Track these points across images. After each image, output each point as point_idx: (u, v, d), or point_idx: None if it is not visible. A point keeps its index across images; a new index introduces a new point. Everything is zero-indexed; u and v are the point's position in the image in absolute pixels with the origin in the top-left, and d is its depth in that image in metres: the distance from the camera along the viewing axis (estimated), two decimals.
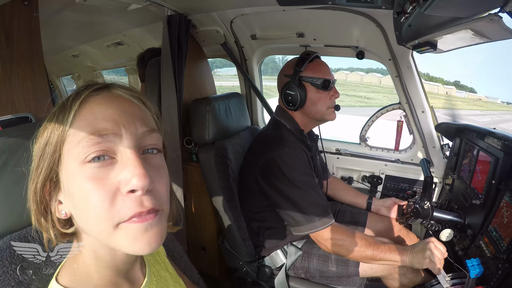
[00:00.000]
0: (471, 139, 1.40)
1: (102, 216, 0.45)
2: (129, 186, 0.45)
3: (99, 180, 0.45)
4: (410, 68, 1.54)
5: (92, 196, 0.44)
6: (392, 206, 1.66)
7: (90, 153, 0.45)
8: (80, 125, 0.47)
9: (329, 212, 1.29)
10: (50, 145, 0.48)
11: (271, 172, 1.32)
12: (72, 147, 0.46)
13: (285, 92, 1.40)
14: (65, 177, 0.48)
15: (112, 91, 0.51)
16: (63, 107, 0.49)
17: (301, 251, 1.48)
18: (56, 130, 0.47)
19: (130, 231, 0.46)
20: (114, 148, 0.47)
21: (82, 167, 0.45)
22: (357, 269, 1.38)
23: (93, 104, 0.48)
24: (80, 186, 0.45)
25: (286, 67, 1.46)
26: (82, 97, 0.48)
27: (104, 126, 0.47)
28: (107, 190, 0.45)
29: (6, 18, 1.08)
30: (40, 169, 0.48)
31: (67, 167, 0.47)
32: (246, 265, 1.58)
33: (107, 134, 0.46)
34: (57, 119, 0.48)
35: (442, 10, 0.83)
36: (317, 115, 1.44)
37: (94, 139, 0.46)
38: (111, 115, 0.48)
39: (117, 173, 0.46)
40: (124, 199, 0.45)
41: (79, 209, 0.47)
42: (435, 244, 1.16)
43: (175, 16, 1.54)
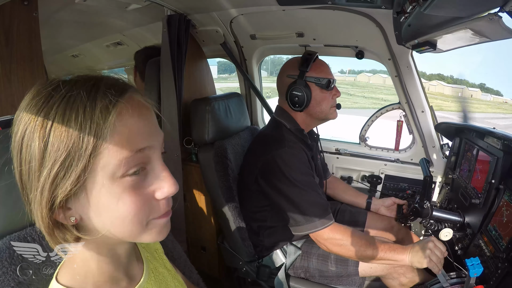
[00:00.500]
0: (470, 138, 1.40)
1: (139, 220, 0.48)
2: (165, 194, 0.50)
3: (138, 190, 0.48)
4: (409, 68, 1.54)
5: (132, 205, 0.47)
6: (392, 205, 1.66)
7: (130, 168, 0.46)
8: (118, 141, 0.45)
9: (329, 212, 1.29)
10: (76, 156, 0.43)
11: (271, 172, 1.32)
12: (109, 163, 0.45)
13: (291, 93, 1.39)
14: (90, 189, 0.46)
15: (133, 96, 0.49)
16: (83, 109, 0.44)
17: (301, 250, 1.48)
18: (86, 139, 0.43)
19: (158, 226, 0.51)
20: (147, 159, 0.49)
21: (119, 181, 0.46)
22: (357, 269, 1.38)
23: (126, 116, 0.46)
24: (119, 199, 0.46)
25: (287, 67, 1.45)
26: (117, 107, 0.45)
27: (142, 142, 0.48)
28: (145, 199, 0.49)
29: (6, 18, 1.08)
30: (58, 182, 0.44)
31: (97, 180, 0.45)
32: (246, 265, 1.58)
33: (145, 148, 0.48)
34: (81, 125, 0.43)
35: (441, 10, 0.83)
36: (321, 115, 1.45)
37: (135, 156, 0.47)
38: (144, 129, 0.49)
39: (151, 182, 0.50)
40: (158, 202, 0.50)
41: (105, 215, 0.48)
42: (435, 243, 1.16)
43: (175, 16, 1.54)
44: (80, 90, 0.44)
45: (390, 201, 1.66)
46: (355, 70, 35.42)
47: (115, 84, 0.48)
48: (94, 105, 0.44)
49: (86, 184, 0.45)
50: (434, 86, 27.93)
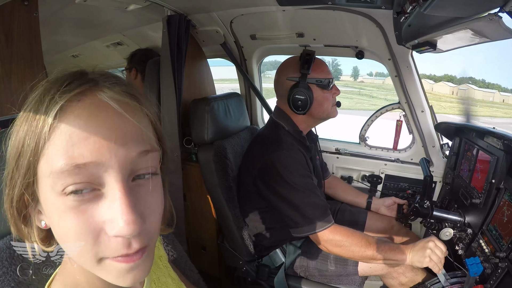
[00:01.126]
0: (470, 138, 1.40)
1: (84, 250, 0.39)
2: (116, 232, 0.38)
3: (81, 215, 0.38)
4: (409, 68, 1.54)
5: (73, 231, 0.39)
6: (392, 205, 1.66)
7: (67, 185, 0.37)
8: (54, 147, 0.37)
9: (329, 214, 1.29)
10: (23, 158, 0.39)
11: (269, 175, 1.32)
12: (48, 174, 0.38)
13: (293, 97, 1.38)
14: (43, 200, 0.41)
15: (98, 94, 0.40)
16: (37, 108, 0.39)
17: (300, 250, 1.48)
18: (30, 142, 0.39)
19: (114, 269, 0.41)
20: (98, 179, 0.39)
21: (61, 197, 0.38)
22: (356, 268, 1.38)
23: (72, 117, 0.38)
24: (60, 217, 0.39)
25: (287, 69, 1.43)
26: (58, 105, 0.38)
27: (81, 152, 0.37)
28: (91, 228, 0.39)
29: (6, 18, 1.08)
30: (14, 182, 0.41)
31: (44, 191, 0.40)
32: (246, 265, 1.58)
33: (87, 164, 0.38)
34: (31, 126, 0.39)
35: (441, 10, 0.83)
36: (323, 115, 1.45)
37: (69, 169, 0.37)
38: (93, 138, 0.38)
39: (103, 210, 0.39)
40: (110, 239, 0.39)
41: (59, 235, 0.41)
42: (435, 243, 1.16)
43: (175, 16, 1.54)
44: (44, 87, 0.40)
45: (390, 200, 1.66)
46: (383, 73, 36.19)
47: (76, 77, 0.41)
48: (42, 103, 0.39)
49: (36, 190, 0.41)
50: (464, 90, 27.56)
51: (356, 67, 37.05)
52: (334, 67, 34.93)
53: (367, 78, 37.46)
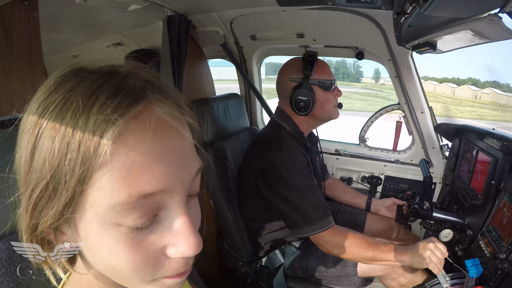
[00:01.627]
0: (470, 139, 1.41)
1: (139, 276, 0.36)
2: (181, 254, 0.36)
3: (139, 245, 0.34)
4: (409, 69, 1.54)
5: (128, 262, 0.34)
6: (392, 206, 1.66)
7: (129, 219, 0.33)
8: (112, 176, 0.32)
9: (329, 214, 1.29)
10: (63, 185, 0.32)
11: (269, 176, 1.32)
12: (98, 204, 0.32)
13: (296, 98, 1.37)
14: (83, 228, 0.35)
15: (152, 107, 0.34)
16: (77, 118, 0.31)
17: (299, 251, 1.48)
18: (75, 167, 0.31)
19: (167, 285, 0.39)
20: (161, 205, 0.35)
21: (115, 229, 0.33)
22: (355, 269, 1.38)
23: (133, 139, 0.32)
24: (110, 248, 0.34)
25: (289, 70, 1.43)
26: (118, 127, 0.31)
27: (150, 183, 0.33)
28: (150, 256, 0.35)
29: (6, 18, 1.08)
30: (42, 209, 0.34)
31: (85, 218, 0.34)
32: (245, 266, 1.57)
33: (154, 193, 0.33)
34: (71, 145, 0.31)
35: (442, 11, 0.84)
36: (324, 116, 1.45)
37: (134, 201, 0.32)
38: (159, 163, 0.33)
39: (162, 234, 0.36)
40: (170, 261, 0.37)
41: (98, 258, 0.37)
42: (435, 244, 1.16)
43: (175, 17, 1.54)
44: (81, 92, 0.33)
45: (390, 201, 1.66)
46: None
47: (127, 89, 0.33)
48: (88, 118, 0.31)
49: (75, 218, 0.35)
50: (487, 94, 26.86)
51: (378, 69, 35.68)
52: (355, 69, 33.89)
53: (388, 80, 37.78)
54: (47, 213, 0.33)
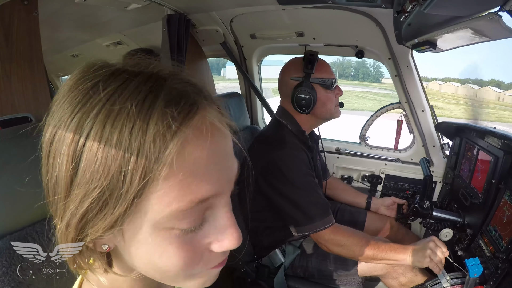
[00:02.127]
0: (471, 138, 1.40)
1: (186, 273, 0.38)
2: (224, 249, 0.39)
3: (189, 244, 0.36)
4: (409, 67, 1.54)
5: (179, 261, 0.36)
6: (392, 205, 1.66)
7: (183, 222, 0.34)
8: (174, 186, 0.32)
9: (330, 213, 1.29)
10: (117, 189, 0.31)
11: (271, 174, 1.32)
12: (156, 212, 0.33)
13: (297, 96, 1.38)
14: (126, 230, 0.35)
15: (205, 115, 0.35)
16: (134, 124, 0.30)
17: (299, 250, 1.48)
18: (133, 176, 0.31)
19: (207, 276, 0.41)
20: (209, 207, 0.37)
21: (165, 231, 0.34)
22: (356, 268, 1.38)
23: (191, 149, 0.32)
24: (162, 250, 0.35)
25: (290, 69, 1.43)
26: (181, 137, 0.32)
27: (208, 188, 0.34)
28: (197, 253, 0.37)
29: (6, 18, 1.08)
30: (92, 218, 0.33)
31: (136, 224, 0.34)
32: (245, 265, 1.57)
33: (208, 197, 0.35)
34: (126, 158, 0.30)
35: (442, 9, 0.83)
36: (326, 115, 1.45)
37: (195, 208, 0.34)
38: (215, 166, 0.35)
39: (207, 232, 0.37)
40: (212, 254, 0.39)
41: (143, 262, 0.37)
42: (436, 243, 1.16)
43: (175, 16, 1.54)
44: (128, 97, 0.31)
45: (390, 200, 1.66)
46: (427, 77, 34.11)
47: (181, 96, 0.33)
48: (146, 128, 0.30)
49: (123, 226, 0.34)
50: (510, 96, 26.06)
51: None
52: (375, 69, 33.35)
53: None
54: (97, 225, 0.33)
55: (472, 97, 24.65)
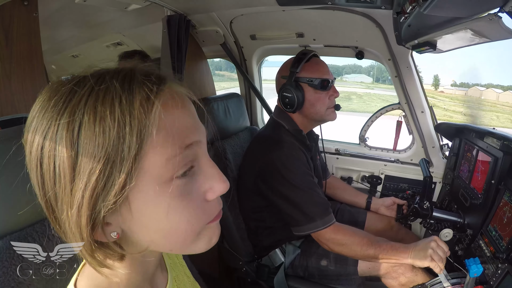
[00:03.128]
0: (470, 139, 1.41)
1: (193, 228, 0.43)
2: (216, 194, 0.45)
3: (189, 195, 0.42)
4: (409, 68, 1.54)
5: (185, 213, 0.41)
6: (392, 205, 1.66)
7: (179, 169, 0.40)
8: (165, 137, 0.39)
9: (330, 212, 1.29)
10: (118, 158, 0.36)
11: (269, 174, 1.32)
12: (155, 165, 0.38)
13: (282, 94, 1.39)
14: (132, 199, 0.39)
15: (173, 86, 0.43)
16: (119, 105, 0.36)
17: (299, 249, 1.48)
18: (130, 140, 0.36)
19: (211, 231, 0.47)
20: (195, 157, 0.43)
21: (167, 185, 0.40)
22: (356, 268, 1.38)
23: (170, 107, 0.40)
24: (167, 206, 0.40)
25: (283, 67, 1.45)
26: (160, 98, 0.39)
27: (190, 136, 0.42)
28: (198, 203, 0.43)
29: (6, 18, 1.08)
30: (101, 190, 0.36)
31: (140, 187, 0.39)
32: (246, 265, 1.57)
33: (193, 144, 0.42)
34: (120, 124, 0.36)
35: (441, 10, 0.84)
36: (316, 116, 1.44)
37: (183, 153, 0.41)
38: (190, 121, 0.43)
39: (200, 183, 0.44)
40: (210, 203, 0.45)
41: (153, 228, 0.42)
42: (437, 243, 1.15)
43: (175, 16, 1.54)
44: (110, 81, 0.37)
45: (390, 200, 1.66)
46: (468, 83, 31.57)
47: (151, 72, 0.42)
48: (132, 96, 0.37)
49: (128, 194, 0.38)
50: None
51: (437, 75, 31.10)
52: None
53: (448, 88, 31.66)
54: (109, 194, 0.37)
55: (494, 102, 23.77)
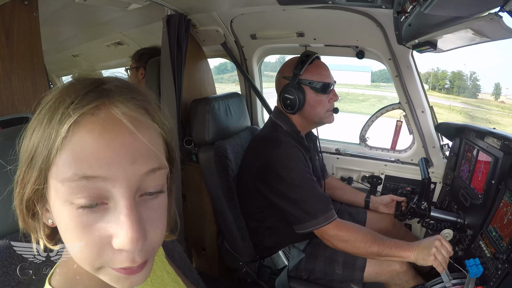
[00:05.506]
0: (470, 139, 1.40)
1: (86, 259, 0.42)
2: (120, 246, 0.40)
3: (88, 227, 0.40)
4: (410, 68, 1.54)
5: (78, 241, 0.40)
6: (390, 203, 1.66)
7: (77, 197, 0.39)
8: (65, 158, 0.39)
9: (331, 208, 1.29)
10: (35, 163, 0.41)
11: (268, 174, 1.32)
12: (57, 182, 0.40)
13: (283, 95, 1.39)
14: (52, 203, 0.43)
15: (112, 109, 0.41)
16: (51, 117, 0.41)
17: (304, 253, 1.47)
18: (42, 149, 0.41)
19: (114, 276, 0.43)
20: (106, 193, 0.40)
21: (69, 207, 0.40)
22: (362, 274, 1.37)
23: (84, 131, 0.39)
24: (66, 225, 0.41)
25: (284, 68, 1.45)
26: (72, 119, 0.39)
27: (93, 168, 0.39)
28: (96, 241, 0.40)
29: (6, 17, 1.08)
30: (25, 183, 0.43)
31: (53, 197, 0.42)
32: (246, 266, 1.58)
33: (96, 178, 0.39)
34: (43, 133, 0.41)
35: (442, 10, 0.83)
36: (315, 119, 1.44)
37: (80, 182, 0.39)
38: (104, 153, 0.39)
39: (109, 224, 0.40)
40: (115, 252, 0.41)
41: (64, 238, 0.43)
42: (441, 242, 1.14)
43: (175, 16, 1.54)
44: (60, 94, 0.42)
45: (388, 198, 1.67)
46: None
47: (90, 90, 0.41)
48: (56, 112, 0.40)
49: (46, 193, 0.43)
50: None
51: (498, 83, 26.46)
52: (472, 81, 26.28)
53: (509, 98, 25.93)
54: (28, 183, 0.43)
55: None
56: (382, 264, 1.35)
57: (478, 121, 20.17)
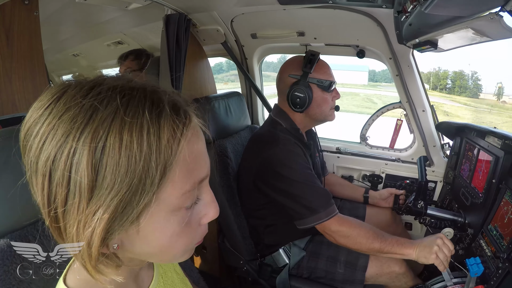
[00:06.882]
0: (471, 138, 1.40)
1: (186, 248, 0.49)
2: (210, 220, 0.49)
3: (189, 222, 0.46)
4: (410, 67, 1.54)
5: (185, 238, 0.46)
6: (388, 197, 1.68)
7: (188, 201, 0.45)
8: (184, 173, 0.42)
9: (332, 203, 1.29)
10: (140, 191, 0.39)
11: (267, 173, 1.33)
12: (170, 198, 0.42)
13: (292, 93, 1.39)
14: (142, 221, 0.42)
15: (193, 119, 0.45)
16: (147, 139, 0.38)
17: (305, 251, 1.48)
18: (152, 171, 0.39)
19: (192, 251, 0.52)
20: (202, 189, 0.48)
21: (175, 213, 0.44)
22: (364, 274, 1.36)
23: (192, 144, 0.44)
24: (171, 231, 0.44)
25: (289, 66, 1.44)
26: (185, 138, 0.42)
27: (204, 171, 0.47)
28: (195, 228, 0.48)
29: (7, 17, 1.08)
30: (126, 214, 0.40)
31: (152, 213, 0.41)
32: (247, 264, 1.58)
33: (203, 178, 0.46)
34: (146, 158, 0.38)
35: (442, 9, 0.83)
36: (320, 116, 1.45)
37: (195, 187, 0.45)
38: (204, 156, 0.47)
39: (199, 210, 0.48)
40: (202, 227, 0.50)
41: (153, 245, 0.45)
42: (443, 241, 1.14)
43: (174, 16, 1.54)
44: (137, 107, 0.39)
45: (386, 193, 1.69)
46: None
47: (179, 105, 0.43)
48: (159, 131, 0.39)
49: (146, 217, 0.42)
50: None
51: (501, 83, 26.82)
52: (474, 81, 26.22)
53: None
54: (125, 220, 0.40)
55: None
56: (382, 265, 1.35)
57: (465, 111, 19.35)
